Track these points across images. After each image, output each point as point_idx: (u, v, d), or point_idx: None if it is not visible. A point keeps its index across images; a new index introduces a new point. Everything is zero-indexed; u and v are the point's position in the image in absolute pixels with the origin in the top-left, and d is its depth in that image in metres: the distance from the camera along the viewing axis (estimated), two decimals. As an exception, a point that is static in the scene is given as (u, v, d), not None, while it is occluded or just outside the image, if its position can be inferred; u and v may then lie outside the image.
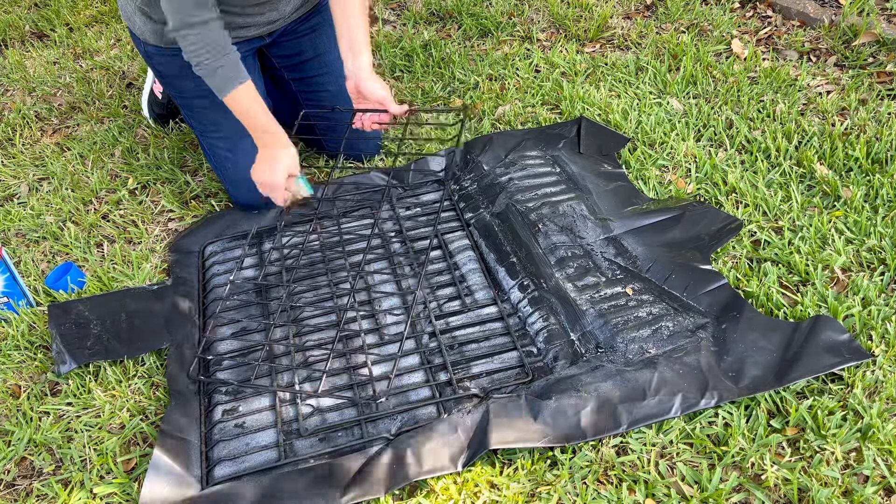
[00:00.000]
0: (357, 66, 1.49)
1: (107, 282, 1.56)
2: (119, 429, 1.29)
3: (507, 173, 1.68)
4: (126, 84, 2.29)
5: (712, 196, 1.58)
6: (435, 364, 1.31)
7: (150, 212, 1.77)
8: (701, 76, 1.94)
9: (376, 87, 1.49)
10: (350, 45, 1.49)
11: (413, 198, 1.70)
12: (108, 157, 1.96)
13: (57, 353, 1.39)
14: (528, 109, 1.93)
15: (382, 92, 1.49)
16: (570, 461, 1.14)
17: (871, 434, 1.11)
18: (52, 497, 1.20)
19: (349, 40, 1.49)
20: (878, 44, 1.94)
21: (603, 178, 1.66)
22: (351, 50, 1.49)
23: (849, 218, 1.47)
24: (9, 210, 1.82)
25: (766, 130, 1.74)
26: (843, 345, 1.22)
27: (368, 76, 1.49)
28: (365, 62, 1.49)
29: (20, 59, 2.47)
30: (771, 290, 1.34)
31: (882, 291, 1.33)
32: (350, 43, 1.49)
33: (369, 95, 1.50)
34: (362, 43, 1.49)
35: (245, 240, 1.59)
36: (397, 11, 2.51)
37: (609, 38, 2.21)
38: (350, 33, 1.49)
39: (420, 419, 1.22)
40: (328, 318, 1.43)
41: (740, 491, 1.09)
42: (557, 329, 1.32)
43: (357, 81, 1.50)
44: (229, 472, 1.18)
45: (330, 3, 1.51)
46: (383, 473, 1.13)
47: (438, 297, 1.45)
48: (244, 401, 1.29)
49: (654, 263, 1.43)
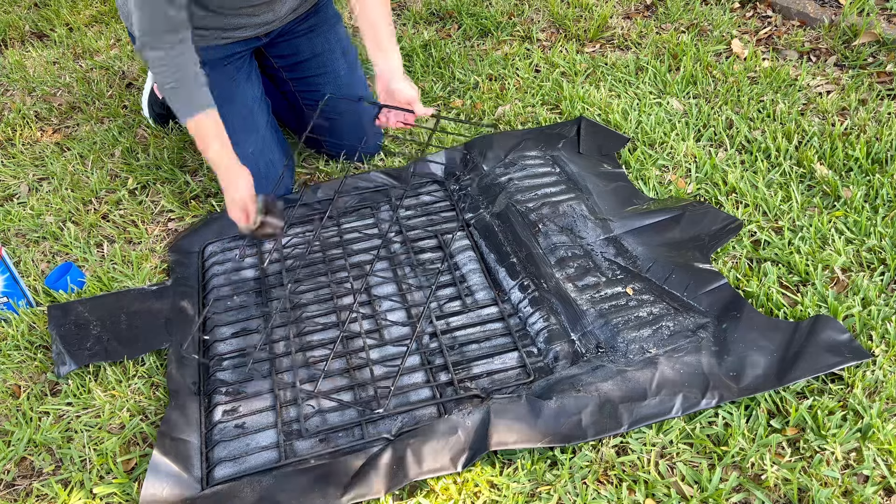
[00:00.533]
0: (389, 68, 1.50)
1: (107, 282, 1.56)
2: (119, 429, 1.29)
3: (506, 173, 1.68)
4: (126, 84, 2.29)
5: (712, 196, 1.58)
6: (435, 364, 1.31)
7: (150, 212, 1.77)
8: (701, 76, 1.94)
9: (406, 88, 1.50)
10: (378, 46, 1.50)
11: (413, 198, 1.70)
12: (107, 157, 1.96)
13: (57, 354, 1.39)
14: (528, 109, 1.93)
15: (412, 93, 1.50)
16: (570, 461, 1.14)
17: (871, 434, 1.11)
18: (51, 497, 1.20)
19: (376, 42, 1.50)
20: (878, 44, 1.94)
21: (603, 178, 1.66)
22: (380, 51, 1.50)
23: (849, 218, 1.47)
24: (9, 210, 1.82)
25: (766, 130, 1.74)
26: (843, 345, 1.22)
27: (400, 77, 1.50)
28: (396, 63, 1.50)
29: (20, 59, 2.47)
30: (771, 290, 1.34)
31: (882, 291, 1.33)
32: (377, 44, 1.50)
33: (399, 96, 1.51)
34: (389, 44, 1.50)
35: (245, 240, 1.59)
36: (397, 11, 2.51)
37: (609, 38, 2.21)
38: (375, 35, 1.50)
39: (421, 420, 1.22)
40: (328, 318, 1.43)
41: (740, 491, 1.09)
42: (558, 329, 1.32)
43: (388, 82, 1.51)
44: (229, 472, 1.18)
45: (352, 3, 1.52)
46: (383, 473, 1.13)
47: (439, 298, 1.44)
48: (244, 401, 1.29)
49: (654, 263, 1.43)
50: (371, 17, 1.50)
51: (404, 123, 1.56)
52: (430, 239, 1.58)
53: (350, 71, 1.74)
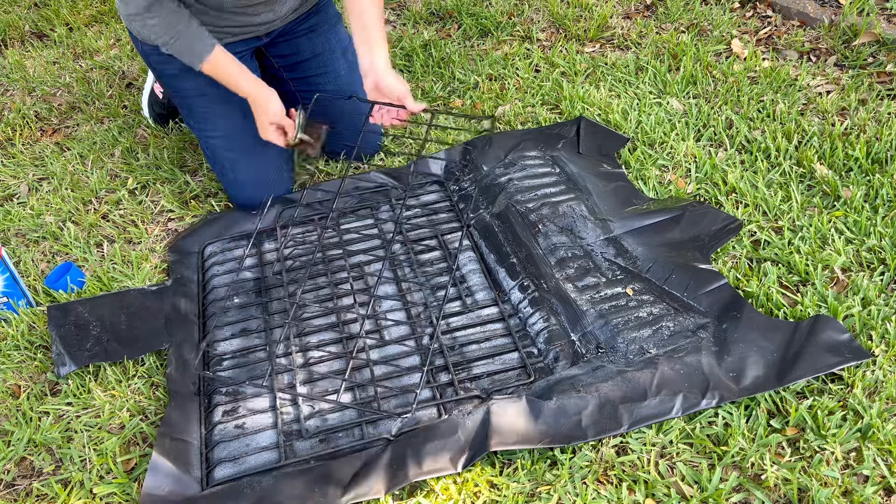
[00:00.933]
0: (373, 62, 1.46)
1: (107, 282, 1.56)
2: (119, 429, 1.29)
3: (506, 174, 1.68)
4: (126, 84, 2.29)
5: (712, 196, 1.58)
6: (436, 365, 1.31)
7: (150, 212, 1.77)
8: (701, 76, 1.94)
9: (395, 82, 1.46)
10: (365, 41, 1.46)
11: (413, 198, 1.70)
12: (107, 157, 1.96)
13: (57, 354, 1.39)
14: (527, 109, 1.93)
15: (401, 88, 1.46)
16: (570, 461, 1.14)
17: (871, 434, 1.11)
18: (51, 497, 1.20)
19: (364, 36, 1.46)
20: (878, 44, 1.94)
21: (603, 179, 1.66)
22: (367, 45, 1.46)
23: (849, 218, 1.47)
24: (9, 210, 1.82)
25: (766, 130, 1.74)
26: (843, 345, 1.22)
27: (386, 72, 1.46)
28: (381, 58, 1.46)
29: (20, 59, 2.47)
30: (771, 290, 1.34)
31: (882, 291, 1.33)
32: (365, 39, 1.46)
33: (388, 91, 1.47)
34: (377, 39, 1.46)
35: (246, 240, 1.59)
36: (397, 11, 2.51)
37: (609, 37, 2.21)
38: (365, 29, 1.46)
39: (421, 420, 1.22)
40: (328, 318, 1.43)
41: (740, 491, 1.09)
42: (558, 330, 1.32)
43: (375, 78, 1.47)
44: (229, 473, 1.18)
45: (344, 1, 1.49)
46: (383, 474, 1.13)
47: (439, 298, 1.44)
48: (244, 402, 1.29)
49: (654, 264, 1.43)
50: (360, 11, 1.46)
51: (399, 120, 1.54)
52: (431, 239, 1.58)
53: (350, 71, 1.73)
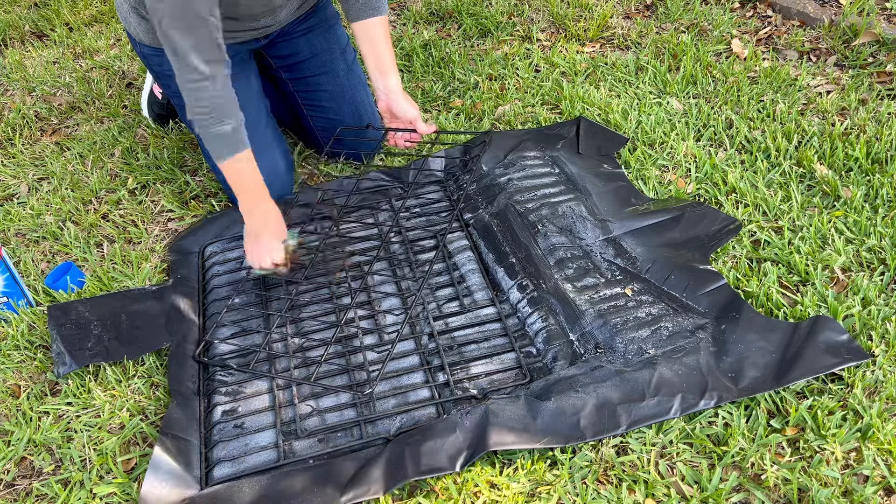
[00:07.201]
0: (388, 87, 1.56)
1: (107, 282, 1.56)
2: (119, 429, 1.29)
3: (506, 174, 1.68)
4: (126, 84, 2.29)
5: (712, 196, 1.58)
6: (434, 365, 1.31)
7: (150, 212, 1.77)
8: (701, 76, 1.94)
9: (407, 107, 1.57)
10: (377, 65, 1.56)
11: (413, 198, 1.70)
12: (107, 157, 1.96)
13: (57, 354, 1.39)
14: (527, 109, 1.93)
15: (413, 112, 1.57)
16: (569, 461, 1.14)
17: (870, 434, 1.11)
18: (51, 497, 1.20)
19: (375, 60, 1.55)
20: (878, 44, 1.94)
21: (602, 179, 1.65)
22: (379, 70, 1.56)
23: (849, 218, 1.47)
24: (9, 210, 1.82)
25: (766, 130, 1.74)
26: (842, 345, 1.21)
27: (399, 96, 1.57)
28: (394, 83, 1.56)
29: (20, 59, 2.47)
30: (771, 291, 1.34)
31: (882, 291, 1.33)
32: (377, 63, 1.55)
33: (401, 114, 1.58)
34: (389, 64, 1.55)
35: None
36: (397, 11, 2.51)
37: (609, 37, 2.21)
38: (375, 53, 1.55)
39: (419, 420, 1.22)
40: (328, 318, 1.43)
41: (740, 491, 1.09)
42: (556, 330, 1.32)
43: (388, 101, 1.58)
44: (229, 472, 1.18)
45: (353, 26, 1.56)
46: (382, 473, 1.13)
47: (437, 298, 1.44)
48: (244, 401, 1.29)
49: (653, 264, 1.43)
50: (372, 39, 1.54)
51: (411, 142, 1.65)
52: (430, 239, 1.58)
53: (349, 70, 1.74)
